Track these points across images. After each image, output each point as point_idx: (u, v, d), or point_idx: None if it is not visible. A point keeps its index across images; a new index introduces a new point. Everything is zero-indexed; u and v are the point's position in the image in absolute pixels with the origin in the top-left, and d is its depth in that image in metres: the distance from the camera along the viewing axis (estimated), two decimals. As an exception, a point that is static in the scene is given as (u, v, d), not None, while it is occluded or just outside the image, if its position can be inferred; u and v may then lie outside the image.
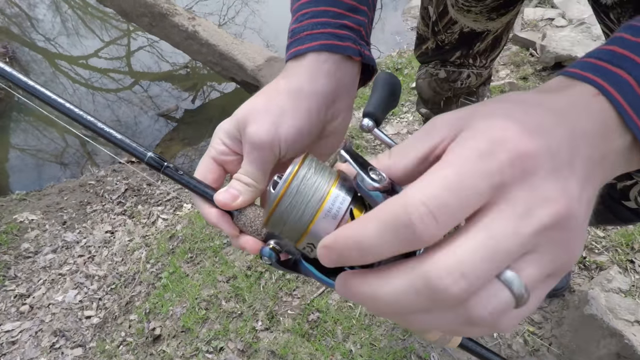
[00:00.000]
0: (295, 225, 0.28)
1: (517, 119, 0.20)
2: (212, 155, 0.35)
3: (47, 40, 4.87)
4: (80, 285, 1.64)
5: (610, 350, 0.84)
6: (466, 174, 0.18)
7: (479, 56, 0.82)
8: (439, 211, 0.18)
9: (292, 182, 0.27)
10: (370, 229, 0.19)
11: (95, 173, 2.23)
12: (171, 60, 4.06)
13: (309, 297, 1.16)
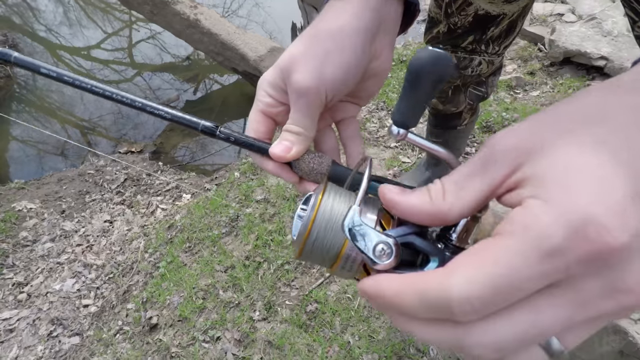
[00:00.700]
0: (324, 263, 0.28)
1: (605, 178, 0.16)
2: (259, 109, 0.35)
3: (49, 30, 4.85)
4: (78, 274, 1.63)
5: (614, 347, 0.82)
6: (523, 273, 0.16)
7: (492, 42, 0.79)
8: (483, 307, 0.17)
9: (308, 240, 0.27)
10: (410, 301, 0.18)
11: (94, 162, 2.22)
12: (173, 52, 4.04)
13: (308, 287, 1.14)
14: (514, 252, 0.16)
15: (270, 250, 1.27)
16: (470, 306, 0.16)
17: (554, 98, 1.76)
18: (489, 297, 0.16)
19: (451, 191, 0.20)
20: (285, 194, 1.45)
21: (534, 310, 0.17)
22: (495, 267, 0.16)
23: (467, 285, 0.16)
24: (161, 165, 2.17)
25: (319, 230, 0.27)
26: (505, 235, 0.17)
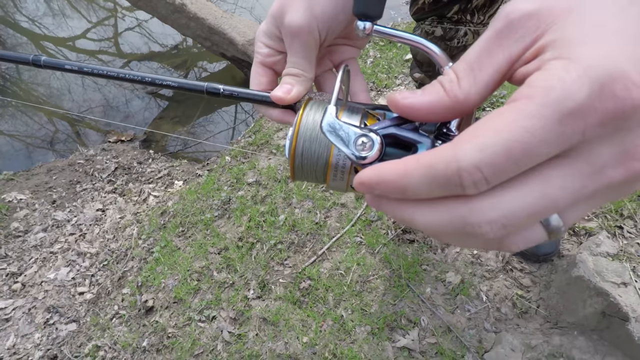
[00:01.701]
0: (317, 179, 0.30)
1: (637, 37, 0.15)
2: (259, 61, 0.36)
3: (32, 21, 4.73)
4: (72, 263, 1.63)
5: (596, 308, 0.85)
6: (538, 136, 0.14)
7: (477, 11, 0.79)
8: (494, 176, 0.15)
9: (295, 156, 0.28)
10: (417, 179, 0.17)
11: (84, 152, 2.20)
12: (160, 40, 3.97)
13: (301, 266, 1.16)
14: (530, 115, 0.14)
15: (262, 231, 1.28)
16: (481, 174, 0.15)
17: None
18: (501, 163, 0.15)
19: (465, 76, 0.18)
20: (276, 176, 1.45)
21: (544, 180, 0.15)
22: (509, 132, 0.15)
23: (477, 152, 0.15)
24: (152, 154, 2.16)
25: (304, 141, 0.28)
26: (521, 100, 0.15)
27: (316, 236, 1.23)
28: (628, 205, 1.14)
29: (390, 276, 1.09)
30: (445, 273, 1.08)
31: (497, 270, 1.07)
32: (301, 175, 0.30)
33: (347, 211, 1.28)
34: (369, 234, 1.20)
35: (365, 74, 1.88)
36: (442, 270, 1.08)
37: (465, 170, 0.15)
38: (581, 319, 0.89)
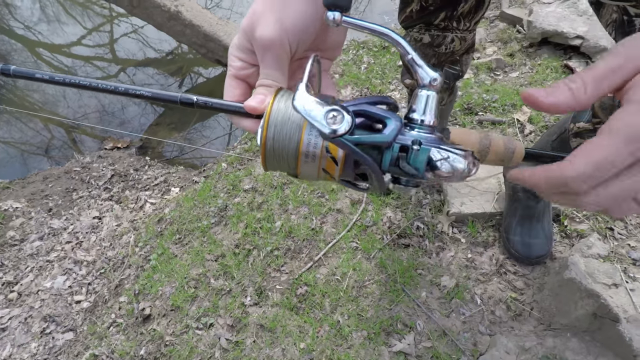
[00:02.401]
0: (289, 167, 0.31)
1: None
2: (232, 74, 0.37)
3: (27, 27, 4.72)
4: (69, 271, 1.63)
5: (587, 310, 0.86)
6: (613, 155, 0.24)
7: (462, 18, 0.81)
8: (590, 181, 0.25)
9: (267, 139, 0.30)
10: (543, 185, 0.27)
11: (80, 160, 2.20)
12: (156, 46, 3.98)
13: (297, 272, 1.17)
14: (607, 143, 0.24)
15: (259, 237, 1.29)
16: (581, 181, 0.25)
17: (533, 78, 1.80)
18: (592, 173, 0.24)
19: (592, 85, 0.26)
20: (272, 182, 1.46)
21: (628, 177, 0.24)
22: (594, 155, 0.24)
23: (575, 170, 0.25)
24: (148, 160, 2.16)
25: (275, 126, 0.29)
26: (602, 133, 0.24)
27: (312, 242, 1.24)
28: (618, 208, 1.15)
29: (386, 281, 1.10)
30: (440, 277, 1.09)
31: (491, 274, 1.09)
32: (273, 161, 0.31)
33: (342, 217, 1.29)
34: (365, 239, 1.22)
35: (359, 79, 1.90)
36: (437, 274, 1.10)
37: (570, 180, 0.25)
38: (573, 321, 0.90)
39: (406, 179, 0.31)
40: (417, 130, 0.31)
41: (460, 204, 1.21)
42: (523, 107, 1.58)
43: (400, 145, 0.30)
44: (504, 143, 0.35)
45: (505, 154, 0.35)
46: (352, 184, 0.34)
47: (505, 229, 1.11)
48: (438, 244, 1.17)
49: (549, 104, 0.27)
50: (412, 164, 0.29)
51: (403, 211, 1.27)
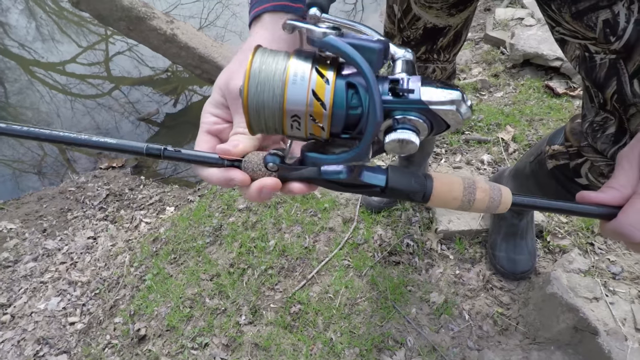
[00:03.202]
0: (273, 104, 0.29)
1: None
2: (204, 130, 0.38)
3: (22, 46, 4.77)
4: (63, 292, 1.64)
5: (568, 324, 0.90)
6: None
7: (442, 51, 0.87)
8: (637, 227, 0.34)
9: (252, 67, 0.29)
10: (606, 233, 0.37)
11: (75, 179, 2.22)
12: (151, 64, 4.03)
13: (291, 290, 1.19)
14: None
15: (253, 256, 1.32)
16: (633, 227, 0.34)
17: (517, 98, 1.87)
18: None
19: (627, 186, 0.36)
20: (266, 202, 1.50)
21: None
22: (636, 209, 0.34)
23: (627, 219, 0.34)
24: (143, 180, 2.19)
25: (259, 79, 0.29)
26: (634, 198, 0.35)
27: (305, 260, 1.27)
28: (598, 223, 1.21)
29: (377, 298, 1.13)
30: (430, 293, 1.12)
31: (478, 289, 1.12)
32: (257, 122, 0.30)
33: (335, 235, 1.33)
34: (356, 256, 1.25)
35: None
36: (427, 290, 1.13)
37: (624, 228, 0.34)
38: (556, 334, 0.94)
39: (402, 123, 0.30)
40: None
41: (448, 221, 1.25)
42: (507, 127, 1.65)
43: (391, 79, 0.30)
44: (490, 196, 0.35)
45: (490, 205, 0.35)
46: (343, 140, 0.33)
47: (491, 246, 1.15)
48: (427, 261, 1.21)
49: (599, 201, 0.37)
50: (407, 87, 0.30)
51: (393, 229, 1.31)
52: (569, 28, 0.56)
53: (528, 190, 0.96)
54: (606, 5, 0.50)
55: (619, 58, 0.52)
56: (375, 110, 0.29)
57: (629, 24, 0.49)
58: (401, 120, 0.31)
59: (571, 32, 0.56)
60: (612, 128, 0.58)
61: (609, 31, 0.50)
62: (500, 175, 1.15)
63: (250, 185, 0.35)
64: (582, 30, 0.54)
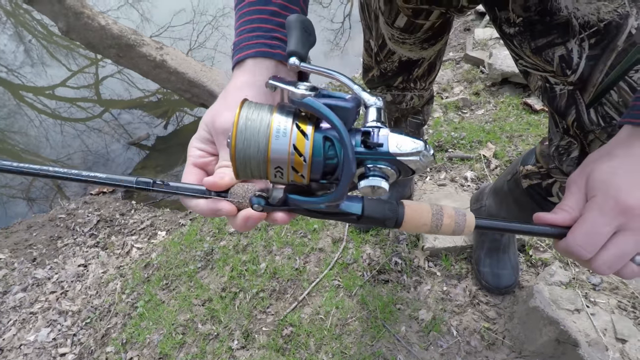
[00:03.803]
0: (258, 157, 0.33)
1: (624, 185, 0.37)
2: (191, 162, 0.42)
3: (10, 71, 4.78)
4: (53, 323, 1.62)
5: (550, 337, 0.93)
6: (599, 224, 0.37)
7: (418, 80, 0.93)
8: (589, 246, 0.37)
9: (239, 123, 0.33)
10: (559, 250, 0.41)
11: (65, 206, 2.22)
12: (141, 87, 4.07)
13: (282, 312, 1.21)
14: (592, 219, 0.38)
15: (245, 280, 1.34)
16: (582, 248, 0.37)
17: (497, 115, 1.95)
18: (588, 242, 0.37)
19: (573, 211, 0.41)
20: (257, 225, 1.52)
21: (614, 244, 0.37)
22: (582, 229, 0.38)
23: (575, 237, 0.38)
24: (134, 204, 2.20)
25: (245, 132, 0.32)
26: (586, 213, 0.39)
27: (296, 282, 1.29)
28: (577, 236, 1.25)
29: (368, 317, 1.15)
30: (418, 311, 1.15)
31: (465, 305, 1.15)
32: (244, 170, 0.34)
33: (324, 255, 1.35)
34: (346, 276, 1.27)
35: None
36: (415, 308, 1.16)
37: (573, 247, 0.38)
38: (540, 347, 0.97)
39: (373, 171, 0.35)
40: None
41: (434, 238, 1.29)
42: (488, 143, 1.71)
43: (363, 131, 0.34)
44: (455, 217, 0.39)
45: (456, 229, 0.39)
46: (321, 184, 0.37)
47: (476, 261, 1.19)
48: (415, 278, 1.24)
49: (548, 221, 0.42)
50: (376, 140, 0.34)
51: (382, 247, 1.34)
52: (530, 62, 0.61)
53: (507, 206, 1.00)
54: (560, 43, 0.55)
55: (576, 89, 0.57)
56: (349, 165, 0.33)
57: (581, 60, 0.54)
58: (372, 169, 0.35)
59: (532, 65, 0.61)
60: (576, 152, 0.62)
61: (564, 65, 0.56)
62: (481, 192, 1.20)
63: (236, 216, 0.38)
64: (541, 64, 0.59)
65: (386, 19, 0.77)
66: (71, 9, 2.07)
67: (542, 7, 0.55)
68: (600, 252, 0.37)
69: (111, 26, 2.21)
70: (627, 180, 0.36)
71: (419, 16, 0.73)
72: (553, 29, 0.55)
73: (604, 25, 0.51)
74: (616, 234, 0.37)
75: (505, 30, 0.61)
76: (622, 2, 0.49)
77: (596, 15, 0.51)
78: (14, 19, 5.89)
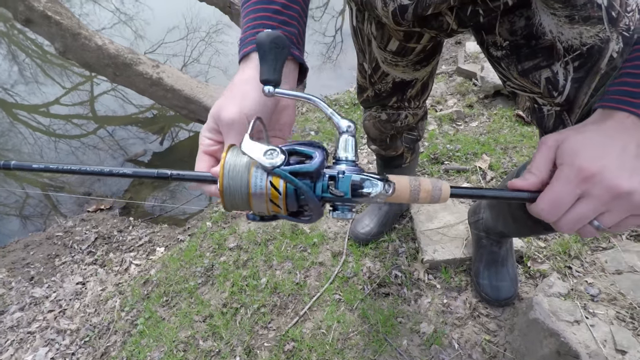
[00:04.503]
0: (243, 205, 0.40)
1: (589, 154, 0.40)
2: (202, 150, 0.46)
3: (4, 89, 4.79)
4: (52, 342, 1.60)
5: (551, 349, 0.94)
6: (564, 193, 0.41)
7: (412, 99, 0.96)
8: (554, 211, 0.42)
9: (225, 168, 0.39)
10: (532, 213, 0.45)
11: (62, 224, 2.20)
12: (137, 102, 4.09)
13: (284, 327, 1.21)
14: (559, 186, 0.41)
15: (246, 295, 1.34)
16: (549, 214, 0.42)
17: (491, 127, 1.98)
18: (552, 209, 0.41)
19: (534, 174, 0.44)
20: (256, 239, 1.53)
21: (575, 209, 0.41)
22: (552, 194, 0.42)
23: (542, 203, 0.42)
24: (132, 221, 2.19)
25: (229, 173, 0.38)
26: (553, 181, 0.42)
27: (297, 296, 1.29)
28: (573, 246, 1.27)
29: (369, 331, 1.16)
30: (419, 324, 1.15)
31: (466, 317, 1.16)
32: (230, 202, 0.40)
33: (325, 269, 1.36)
34: (347, 290, 1.28)
35: (333, 135, 2.05)
36: (416, 321, 1.16)
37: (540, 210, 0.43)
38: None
39: (341, 206, 0.41)
40: (344, 165, 0.41)
41: (433, 251, 1.30)
42: (483, 155, 1.74)
43: (329, 175, 0.39)
44: (432, 187, 0.44)
45: (433, 195, 0.44)
46: (297, 217, 0.42)
47: (475, 274, 1.20)
48: (415, 291, 1.25)
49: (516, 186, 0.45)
50: (339, 188, 0.39)
51: (381, 260, 1.35)
52: (517, 83, 0.64)
53: (504, 219, 1.02)
54: (546, 65, 0.58)
55: (563, 110, 0.60)
56: (317, 209, 0.40)
57: (567, 82, 0.57)
58: (340, 205, 0.41)
59: (520, 87, 0.64)
60: None
61: (551, 87, 0.58)
62: (478, 205, 1.22)
63: None
64: (529, 86, 0.62)
65: (379, 43, 0.80)
66: (68, 30, 2.10)
67: (527, 32, 0.58)
68: (564, 215, 0.41)
69: (108, 46, 2.24)
70: (592, 151, 0.40)
71: (411, 40, 0.76)
72: (539, 52, 0.58)
73: (587, 49, 0.53)
74: (580, 199, 0.40)
75: (492, 53, 0.64)
76: (602, 28, 0.52)
77: (579, 39, 0.53)
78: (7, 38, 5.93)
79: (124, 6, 6.44)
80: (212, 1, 2.94)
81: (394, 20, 0.64)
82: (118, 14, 6.28)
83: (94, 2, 6.48)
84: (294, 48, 0.47)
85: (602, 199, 0.39)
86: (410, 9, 0.60)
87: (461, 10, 0.60)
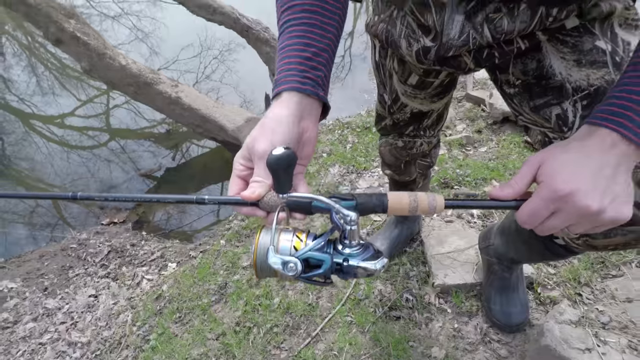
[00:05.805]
0: (271, 276, 0.49)
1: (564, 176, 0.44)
2: (236, 174, 0.53)
3: (21, 100, 4.93)
4: (62, 354, 1.62)
5: (564, 377, 0.95)
6: (541, 207, 0.45)
7: (428, 129, 1.01)
8: (533, 221, 0.47)
9: (257, 260, 0.47)
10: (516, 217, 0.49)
11: (76, 236, 2.25)
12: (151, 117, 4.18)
13: (297, 348, 1.22)
14: (536, 201, 0.46)
15: (259, 314, 1.36)
16: (526, 222, 0.47)
17: (500, 153, 2.02)
18: (532, 218, 0.46)
19: (514, 184, 0.49)
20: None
21: (549, 222, 0.46)
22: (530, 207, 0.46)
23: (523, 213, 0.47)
24: (144, 235, 2.23)
25: (260, 256, 0.47)
26: (533, 196, 0.47)
27: (309, 317, 1.31)
28: (584, 273, 1.29)
29: (381, 354, 1.17)
30: (431, 348, 1.17)
31: (477, 343, 1.17)
32: (262, 274, 0.48)
33: (337, 291, 1.38)
34: (358, 312, 1.30)
35: (345, 158, 2.10)
36: (428, 345, 1.18)
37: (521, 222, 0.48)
38: (553, 388, 0.98)
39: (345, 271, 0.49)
40: (348, 249, 0.48)
41: (444, 275, 1.32)
42: (492, 181, 1.78)
43: (335, 263, 0.47)
44: (428, 200, 0.49)
45: (429, 207, 0.49)
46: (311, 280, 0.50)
47: (486, 299, 1.22)
48: (426, 315, 1.26)
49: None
50: (345, 272, 0.48)
51: (392, 283, 1.37)
52: (529, 118, 0.68)
53: (515, 246, 1.05)
54: (556, 103, 0.62)
55: None
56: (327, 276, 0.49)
57: (576, 118, 0.61)
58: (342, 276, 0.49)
59: (532, 121, 0.68)
60: None
61: (561, 123, 0.63)
62: (489, 230, 1.25)
63: (267, 217, 0.52)
64: (540, 121, 0.66)
65: (399, 77, 0.86)
66: (95, 51, 2.20)
67: (538, 72, 0.63)
68: (540, 225, 0.47)
69: (130, 65, 2.34)
70: (568, 173, 0.44)
71: (430, 75, 0.82)
72: (549, 91, 0.63)
73: (594, 89, 0.58)
74: (554, 213, 0.46)
75: (505, 90, 0.69)
76: (607, 71, 0.57)
77: (586, 80, 0.59)
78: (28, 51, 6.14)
79: (140, 23, 6.67)
80: (229, 25, 3.06)
81: (417, 60, 0.69)
82: (135, 30, 6.50)
83: (113, 19, 6.72)
84: (319, 89, 0.55)
85: (572, 216, 0.45)
86: (433, 50, 0.66)
87: (478, 53, 0.65)
